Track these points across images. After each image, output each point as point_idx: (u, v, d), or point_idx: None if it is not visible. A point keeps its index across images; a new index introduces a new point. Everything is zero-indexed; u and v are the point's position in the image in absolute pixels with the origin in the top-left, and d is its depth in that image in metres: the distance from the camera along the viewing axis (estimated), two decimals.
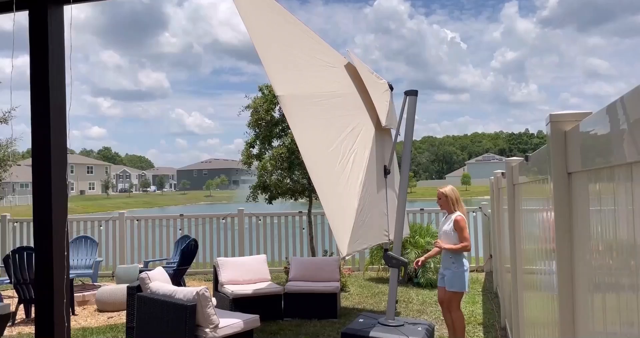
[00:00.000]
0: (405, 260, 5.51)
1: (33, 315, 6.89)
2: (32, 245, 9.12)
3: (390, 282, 5.52)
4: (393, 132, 6.10)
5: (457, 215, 5.26)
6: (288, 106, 4.51)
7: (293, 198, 8.97)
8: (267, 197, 8.96)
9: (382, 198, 5.60)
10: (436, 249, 5.49)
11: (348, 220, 4.66)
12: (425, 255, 5.74)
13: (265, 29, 4.83)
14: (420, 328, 5.47)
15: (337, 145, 4.92)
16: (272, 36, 4.90)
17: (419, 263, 5.57)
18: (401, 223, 5.29)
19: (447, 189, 5.42)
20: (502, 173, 5.68)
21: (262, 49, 4.53)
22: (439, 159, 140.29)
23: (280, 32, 5.07)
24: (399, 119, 5.62)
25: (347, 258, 4.33)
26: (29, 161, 3.31)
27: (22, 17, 3.05)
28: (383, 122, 5.65)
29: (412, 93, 5.71)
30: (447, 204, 5.36)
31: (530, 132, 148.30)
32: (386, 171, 5.71)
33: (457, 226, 5.19)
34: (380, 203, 5.58)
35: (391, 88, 6.06)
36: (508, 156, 5.36)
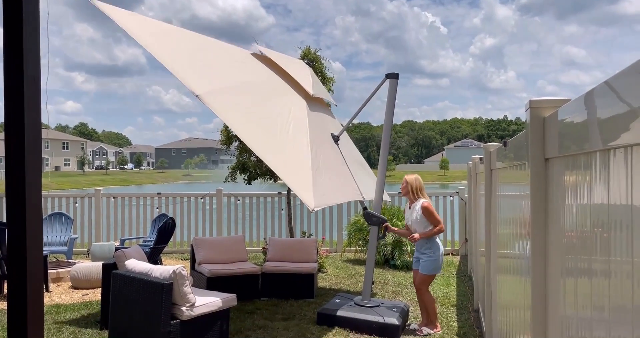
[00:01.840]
0: (385, 218, 5.66)
1: (6, 291, 6.80)
2: (4, 220, 8.96)
3: (369, 246, 5.71)
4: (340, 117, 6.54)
5: (422, 201, 5.32)
6: (211, 102, 4.52)
7: (272, 179, 8.95)
8: (246, 178, 8.93)
9: (340, 161, 5.86)
10: (406, 232, 5.59)
11: (305, 177, 4.78)
12: (397, 230, 5.82)
13: (164, 44, 4.90)
14: (395, 309, 5.57)
15: (273, 119, 5.15)
16: (173, 48, 4.98)
17: (388, 228, 5.71)
18: (382, 185, 5.55)
19: (411, 177, 5.50)
20: (480, 159, 5.74)
21: (168, 61, 4.56)
22: (419, 143, 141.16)
23: (180, 44, 5.19)
24: (386, 105, 5.80)
25: (316, 209, 4.44)
26: (2, 135, 3.23)
27: None
28: (310, 91, 5.91)
29: (393, 76, 5.76)
30: (407, 191, 5.42)
31: (509, 119, 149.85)
32: (335, 139, 5.99)
33: (427, 212, 5.25)
34: (340, 166, 5.83)
35: (309, 65, 6.59)
36: (486, 142, 5.44)
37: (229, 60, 5.60)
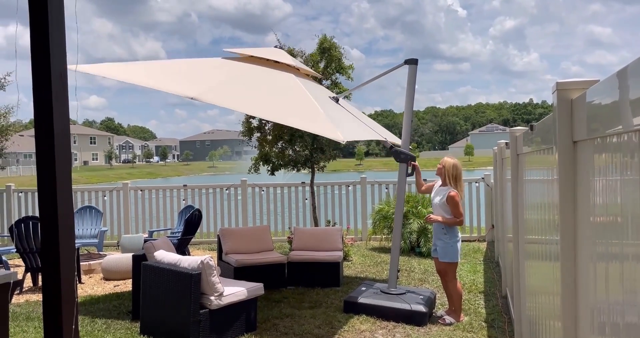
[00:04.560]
0: (413, 154, 5.69)
1: (40, 283, 6.99)
2: (37, 214, 9.18)
3: (397, 195, 5.72)
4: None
5: (451, 190, 5.24)
6: (208, 98, 4.96)
7: (295, 169, 8.97)
8: (269, 168, 8.97)
9: (348, 114, 6.31)
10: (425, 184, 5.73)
11: (324, 121, 5.03)
12: (419, 175, 5.79)
13: (149, 75, 5.53)
14: (421, 297, 5.56)
15: (271, 93, 5.67)
16: (157, 74, 5.63)
17: (415, 167, 5.71)
18: (408, 125, 5.80)
19: (449, 162, 5.37)
20: (506, 143, 5.65)
21: (159, 85, 5.12)
22: (442, 129, 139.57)
23: (162, 69, 5.86)
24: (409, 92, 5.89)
25: (345, 141, 4.63)
26: (32, 131, 3.30)
27: None
28: (291, 63, 6.41)
29: (412, 62, 5.73)
30: (442, 175, 5.36)
31: (535, 102, 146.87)
32: (335, 100, 6.42)
33: (452, 202, 5.17)
34: (352, 117, 6.28)
35: (281, 48, 7.40)
36: (512, 127, 5.37)
37: (209, 67, 6.16)
